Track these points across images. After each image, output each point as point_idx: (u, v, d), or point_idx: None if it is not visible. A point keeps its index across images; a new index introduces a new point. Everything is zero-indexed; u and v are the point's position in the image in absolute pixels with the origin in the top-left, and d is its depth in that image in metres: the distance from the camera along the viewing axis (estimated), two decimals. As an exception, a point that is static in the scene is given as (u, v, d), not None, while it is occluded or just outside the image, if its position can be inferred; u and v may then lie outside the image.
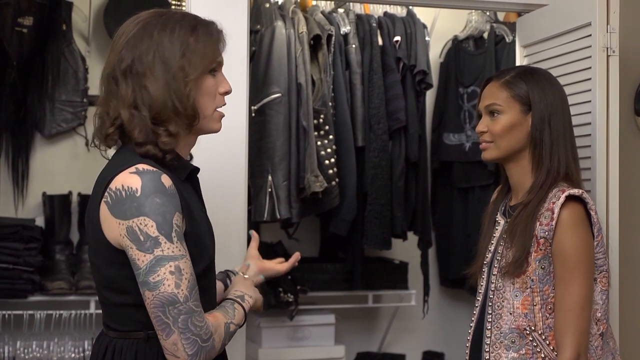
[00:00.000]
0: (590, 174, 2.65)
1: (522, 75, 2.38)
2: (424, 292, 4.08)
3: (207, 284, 1.99)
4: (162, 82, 1.88)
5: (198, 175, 2.08)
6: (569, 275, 2.20)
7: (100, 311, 3.63)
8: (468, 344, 2.40)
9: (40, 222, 3.77)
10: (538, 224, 2.24)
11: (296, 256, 2.51)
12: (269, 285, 3.72)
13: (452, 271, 4.12)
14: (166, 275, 1.79)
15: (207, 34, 1.96)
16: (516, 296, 2.27)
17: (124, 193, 1.81)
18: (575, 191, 2.24)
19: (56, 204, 3.77)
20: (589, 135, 2.66)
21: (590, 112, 2.66)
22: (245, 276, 2.27)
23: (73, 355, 3.55)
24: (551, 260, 2.23)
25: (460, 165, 4.07)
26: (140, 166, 1.84)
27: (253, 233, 2.53)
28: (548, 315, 2.24)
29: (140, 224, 1.79)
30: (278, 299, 3.66)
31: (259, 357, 3.75)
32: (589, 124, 2.67)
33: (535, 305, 2.24)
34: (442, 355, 4.34)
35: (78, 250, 3.76)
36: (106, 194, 1.84)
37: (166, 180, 1.84)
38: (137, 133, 1.88)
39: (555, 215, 2.22)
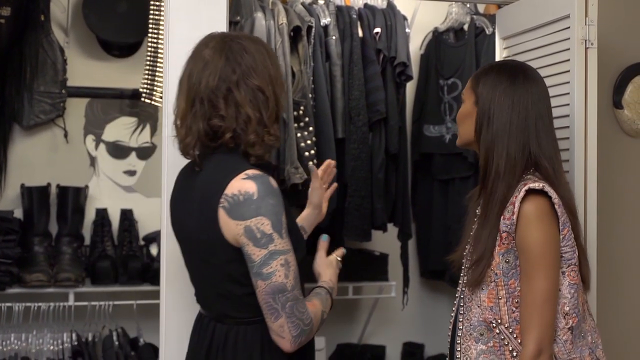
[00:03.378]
0: (568, 166, 2.66)
1: (487, 68, 2.39)
2: (403, 283, 4.08)
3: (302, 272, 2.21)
4: (271, 86, 2.18)
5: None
6: (532, 269, 2.18)
7: (79, 303, 3.62)
8: (449, 333, 2.41)
9: (18, 213, 3.76)
10: (502, 218, 2.22)
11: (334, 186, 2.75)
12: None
13: (432, 263, 4.14)
14: (277, 267, 2.06)
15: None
16: (482, 289, 2.26)
17: (241, 197, 2.05)
18: (536, 185, 2.20)
19: (35, 196, 3.75)
20: (567, 127, 2.67)
21: (568, 104, 2.67)
22: (339, 258, 2.50)
23: (52, 347, 3.54)
24: (517, 254, 2.22)
25: (440, 157, 4.08)
26: (250, 172, 2.08)
27: (313, 169, 2.66)
28: (515, 309, 2.22)
29: (258, 223, 2.05)
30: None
31: (239, 348, 3.74)
32: (568, 116, 2.68)
33: (501, 298, 2.23)
34: (422, 347, 4.35)
35: (57, 242, 3.74)
36: (222, 199, 2.07)
37: (274, 182, 2.10)
38: (253, 136, 2.13)
39: (515, 210, 2.19)
